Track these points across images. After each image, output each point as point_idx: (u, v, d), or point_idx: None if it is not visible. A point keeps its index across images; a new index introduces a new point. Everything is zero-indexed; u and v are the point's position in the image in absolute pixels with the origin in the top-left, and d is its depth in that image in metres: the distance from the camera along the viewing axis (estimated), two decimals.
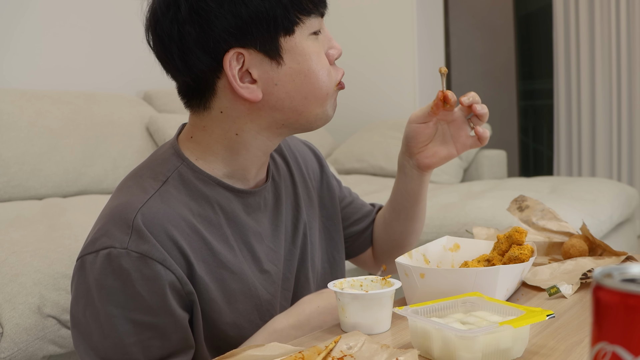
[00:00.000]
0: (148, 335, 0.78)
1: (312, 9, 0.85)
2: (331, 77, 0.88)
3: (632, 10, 3.80)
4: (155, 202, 0.81)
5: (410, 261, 0.96)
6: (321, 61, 0.87)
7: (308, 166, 1.09)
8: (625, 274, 0.46)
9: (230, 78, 0.82)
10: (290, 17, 0.83)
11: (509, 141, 5.06)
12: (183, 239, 0.81)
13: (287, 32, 0.83)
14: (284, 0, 0.82)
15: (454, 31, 4.62)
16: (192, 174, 0.87)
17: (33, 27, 2.61)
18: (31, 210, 1.95)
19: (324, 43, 0.89)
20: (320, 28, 0.88)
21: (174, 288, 0.79)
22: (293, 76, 0.85)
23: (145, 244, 0.77)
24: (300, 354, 0.69)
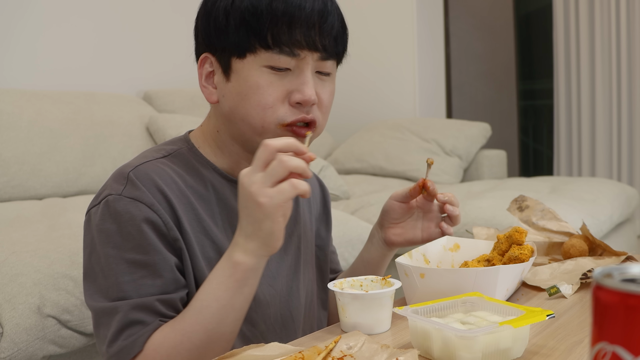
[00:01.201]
0: (141, 274, 0.83)
1: (273, 45, 0.85)
2: (268, 114, 0.87)
3: (632, 10, 3.80)
4: (151, 164, 0.90)
5: (410, 261, 0.96)
6: (262, 95, 0.86)
7: (314, 194, 1.12)
8: (625, 274, 0.46)
9: (198, 76, 0.92)
10: (242, 43, 0.85)
11: (509, 141, 5.06)
12: (173, 195, 0.87)
13: (239, 56, 0.86)
14: (242, 22, 0.85)
15: (454, 31, 4.62)
16: (193, 156, 0.94)
17: (33, 27, 2.61)
18: (31, 210, 1.95)
19: (291, 83, 0.87)
20: (289, 68, 0.86)
21: (159, 230, 0.85)
22: (234, 95, 0.88)
23: (136, 191, 0.85)
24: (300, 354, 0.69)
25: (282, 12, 0.84)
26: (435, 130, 3.40)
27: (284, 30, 0.84)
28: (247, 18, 0.85)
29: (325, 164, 2.64)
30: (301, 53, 0.86)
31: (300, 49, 0.86)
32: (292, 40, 0.85)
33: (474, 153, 3.40)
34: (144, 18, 3.03)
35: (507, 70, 5.30)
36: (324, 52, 0.88)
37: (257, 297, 0.93)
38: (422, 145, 3.32)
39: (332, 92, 0.93)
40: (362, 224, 2.21)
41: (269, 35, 0.84)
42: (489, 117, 4.42)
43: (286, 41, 0.85)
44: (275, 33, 0.84)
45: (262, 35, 0.84)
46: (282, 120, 0.87)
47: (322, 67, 0.90)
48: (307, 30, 0.85)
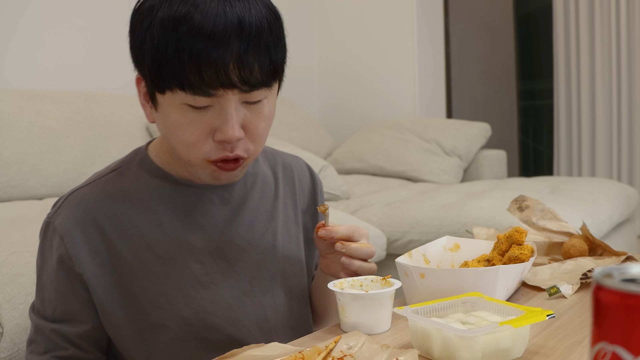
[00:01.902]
0: (47, 297, 0.91)
1: (185, 86, 0.79)
2: (192, 150, 0.84)
3: (632, 10, 3.80)
4: (92, 187, 0.92)
5: (410, 261, 0.96)
6: (183, 133, 0.83)
7: (302, 185, 1.09)
8: (625, 274, 0.46)
9: (138, 92, 0.89)
10: (159, 79, 0.81)
11: (509, 141, 5.06)
12: (107, 219, 0.90)
13: (158, 90, 0.82)
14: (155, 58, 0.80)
15: (454, 31, 4.62)
16: (144, 166, 0.94)
17: (33, 27, 2.61)
18: (31, 210, 1.95)
19: (213, 119, 0.82)
20: (207, 105, 0.81)
21: (63, 263, 0.89)
22: (160, 125, 0.87)
23: (59, 218, 0.90)
24: (300, 354, 0.69)
25: (188, 54, 0.77)
26: (435, 130, 3.40)
27: (192, 73, 0.78)
28: (157, 59, 0.79)
29: (325, 164, 2.64)
30: (217, 92, 0.80)
31: (214, 89, 0.79)
32: (204, 83, 0.79)
33: (474, 153, 3.40)
34: None
35: (507, 70, 5.30)
36: (246, 86, 0.81)
37: (217, 301, 0.93)
38: (422, 145, 3.32)
39: (267, 116, 0.87)
40: (362, 224, 2.21)
41: (182, 76, 0.79)
42: (489, 117, 4.42)
43: (197, 84, 0.78)
44: (185, 77, 0.78)
45: (175, 75, 0.79)
46: (207, 157, 0.85)
47: (249, 97, 0.83)
48: (219, 69, 0.78)
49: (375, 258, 2.24)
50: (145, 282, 0.90)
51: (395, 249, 2.30)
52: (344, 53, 4.00)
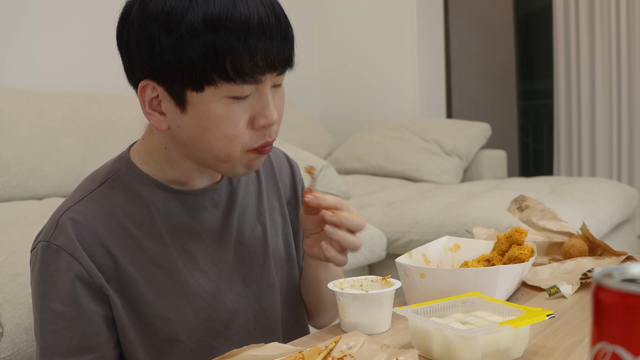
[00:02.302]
0: (62, 326, 0.84)
1: (236, 77, 0.80)
2: (234, 143, 0.84)
3: (632, 10, 3.80)
4: (85, 203, 0.88)
5: (410, 261, 0.96)
6: (227, 126, 0.83)
7: (282, 175, 1.07)
8: (625, 274, 0.46)
9: (140, 103, 0.86)
10: (200, 77, 0.80)
11: (509, 141, 5.06)
12: (109, 234, 0.86)
13: (195, 89, 0.81)
14: (200, 57, 0.78)
15: (454, 31, 4.62)
16: (133, 175, 0.91)
17: (33, 27, 2.61)
18: (31, 210, 1.95)
19: (253, 107, 0.84)
20: (250, 94, 0.83)
21: (82, 280, 0.84)
22: (194, 128, 0.84)
23: (62, 237, 0.84)
24: (300, 354, 0.69)
25: (242, 45, 0.79)
26: (435, 130, 3.40)
27: (246, 61, 0.79)
28: (206, 53, 0.78)
29: (325, 164, 2.64)
30: (262, 77, 0.82)
31: (262, 74, 0.82)
32: (255, 68, 0.80)
33: (474, 153, 3.40)
34: None
35: (507, 70, 5.30)
36: (282, 69, 0.84)
37: (220, 307, 0.92)
38: (422, 145, 3.32)
39: (284, 98, 0.90)
40: None
41: (230, 67, 0.79)
42: (489, 117, 4.42)
43: (249, 71, 0.80)
44: (238, 65, 0.79)
45: (223, 68, 0.79)
46: (247, 147, 0.85)
47: (277, 80, 0.86)
48: (266, 55, 0.81)
49: (375, 258, 2.24)
50: (153, 297, 0.88)
51: (395, 249, 2.30)
52: (344, 53, 4.00)
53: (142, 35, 0.81)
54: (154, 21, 0.80)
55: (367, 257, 2.19)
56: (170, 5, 0.79)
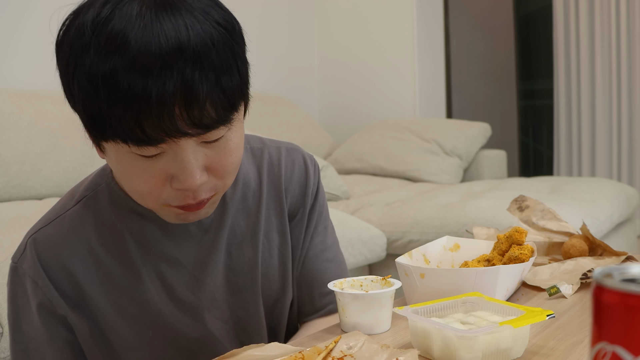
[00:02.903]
0: (33, 346, 0.83)
1: (128, 141, 0.66)
2: (148, 199, 0.74)
3: (632, 10, 3.80)
4: (56, 225, 0.84)
5: (410, 261, 0.96)
6: (137, 182, 0.71)
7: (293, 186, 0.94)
8: (625, 274, 0.46)
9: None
10: (92, 129, 0.69)
11: (509, 141, 5.06)
12: (76, 261, 0.82)
13: (99, 139, 0.69)
14: (91, 121, 0.67)
15: (454, 31, 4.62)
16: (110, 194, 0.84)
17: (33, 27, 2.61)
18: (31, 210, 1.95)
19: (168, 166, 0.70)
20: (158, 153, 0.68)
21: (45, 307, 0.82)
22: (113, 168, 0.76)
23: (27, 262, 0.82)
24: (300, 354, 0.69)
25: (123, 106, 0.64)
26: (435, 130, 3.40)
27: (132, 127, 0.65)
28: (90, 112, 0.67)
29: (325, 164, 2.65)
30: (167, 140, 0.66)
31: (160, 142, 0.66)
32: (147, 136, 0.65)
33: (474, 153, 3.40)
34: None
35: (507, 70, 5.30)
36: (199, 129, 0.67)
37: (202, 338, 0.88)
38: (422, 145, 3.32)
39: (234, 149, 0.74)
40: (362, 224, 2.21)
41: (120, 134, 0.66)
42: (489, 117, 4.42)
43: (141, 137, 0.65)
44: (126, 132, 0.65)
45: (113, 131, 0.66)
46: (165, 203, 0.74)
47: (207, 137, 0.70)
48: (162, 118, 0.64)
49: (375, 258, 2.24)
50: (121, 325, 0.84)
51: (395, 249, 2.30)
52: (343, 53, 4.00)
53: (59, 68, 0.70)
54: (60, 60, 0.69)
55: (367, 257, 2.19)
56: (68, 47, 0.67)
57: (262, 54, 3.45)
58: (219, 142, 0.71)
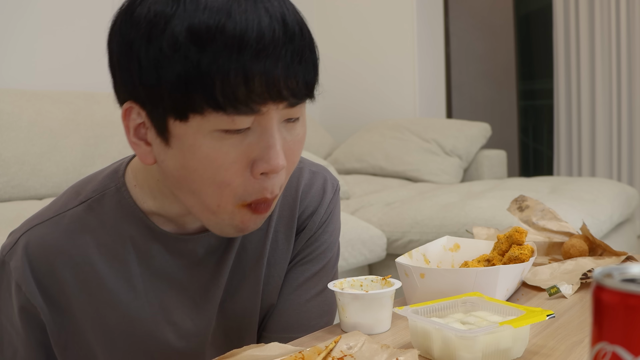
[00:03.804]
0: (7, 340, 0.80)
1: (226, 105, 0.63)
2: (225, 193, 0.68)
3: (632, 10, 3.80)
4: (52, 225, 0.78)
5: (410, 261, 0.96)
6: (217, 170, 0.67)
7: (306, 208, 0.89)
8: (625, 274, 0.46)
9: (125, 129, 0.71)
10: (183, 102, 0.64)
11: (509, 141, 5.06)
12: (68, 268, 0.77)
13: (178, 117, 0.65)
14: (181, 77, 0.63)
15: (454, 31, 4.62)
16: (119, 200, 0.78)
17: (32, 27, 2.61)
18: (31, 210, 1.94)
19: (252, 147, 0.67)
20: (247, 127, 0.66)
21: (26, 311, 0.77)
22: (177, 166, 0.68)
23: (15, 261, 0.77)
24: (300, 354, 0.69)
25: (233, 64, 0.62)
26: (435, 130, 3.40)
27: (238, 85, 0.62)
28: (189, 72, 0.62)
29: (325, 164, 2.65)
30: (263, 108, 0.65)
31: (261, 104, 0.65)
32: (251, 95, 0.63)
33: (474, 153, 3.40)
34: None
35: (507, 70, 5.30)
36: (293, 99, 0.67)
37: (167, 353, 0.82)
38: (422, 145, 3.32)
39: (302, 139, 0.73)
40: (362, 224, 2.21)
41: (219, 90, 0.62)
42: (489, 117, 4.42)
43: (243, 97, 0.63)
44: (228, 90, 0.62)
45: (210, 93, 0.63)
46: (242, 200, 0.70)
47: (290, 114, 0.69)
48: (267, 79, 0.63)
49: (375, 258, 2.24)
50: (106, 341, 0.79)
51: (395, 249, 2.30)
52: (343, 53, 4.00)
53: (124, 47, 0.67)
54: (136, 30, 0.65)
55: (367, 257, 2.19)
56: (154, 11, 0.64)
57: None
58: (295, 125, 0.71)
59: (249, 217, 0.72)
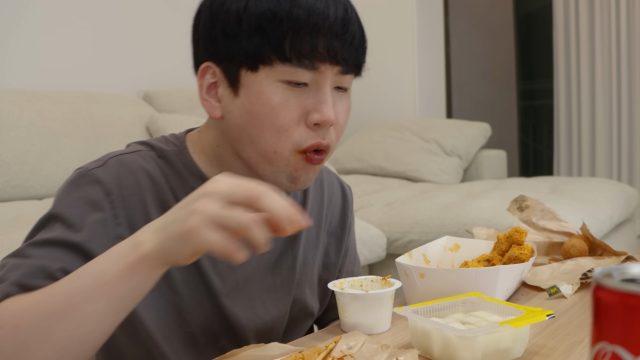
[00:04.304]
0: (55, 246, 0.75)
1: (292, 58, 0.76)
2: (282, 137, 0.78)
3: (632, 10, 3.80)
4: (136, 156, 0.83)
5: (410, 261, 0.96)
6: (277, 115, 0.77)
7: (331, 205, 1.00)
8: (625, 274, 0.46)
9: (198, 88, 0.82)
10: (256, 54, 0.76)
11: (509, 141, 5.06)
12: (149, 193, 0.80)
13: (250, 68, 0.77)
14: (258, 30, 0.76)
15: (454, 31, 4.62)
16: (182, 160, 0.85)
17: (33, 27, 2.61)
18: (31, 210, 1.95)
19: (308, 100, 0.78)
20: (306, 83, 0.78)
21: (104, 224, 0.77)
22: (242, 113, 0.79)
23: (105, 174, 0.79)
24: (300, 354, 0.69)
25: (304, 19, 0.75)
26: (435, 130, 3.40)
27: (305, 39, 0.75)
28: (264, 24, 0.75)
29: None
30: (321, 66, 0.77)
31: (321, 62, 0.77)
32: (314, 52, 0.76)
33: (474, 153, 3.40)
34: (144, 18, 3.03)
35: (507, 70, 5.30)
36: (345, 65, 0.79)
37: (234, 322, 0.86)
38: (422, 145, 3.32)
39: (348, 110, 0.84)
40: (362, 224, 2.21)
41: (288, 45, 0.75)
42: (489, 117, 4.42)
43: (307, 52, 0.76)
44: (296, 43, 0.75)
45: (280, 45, 0.75)
46: (297, 146, 0.79)
47: (340, 81, 0.81)
48: (329, 40, 0.76)
49: (375, 258, 2.24)
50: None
51: (395, 249, 2.30)
52: None
53: (211, 14, 0.79)
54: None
55: (367, 257, 2.19)
56: None
57: None
58: (343, 96, 0.83)
59: (303, 166, 0.80)
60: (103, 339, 0.66)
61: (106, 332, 0.65)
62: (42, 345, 0.63)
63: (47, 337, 0.63)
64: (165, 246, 0.62)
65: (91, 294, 0.63)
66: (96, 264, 0.65)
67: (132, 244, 0.64)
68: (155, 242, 0.63)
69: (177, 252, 0.62)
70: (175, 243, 0.62)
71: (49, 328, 0.63)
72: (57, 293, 0.64)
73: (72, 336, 0.63)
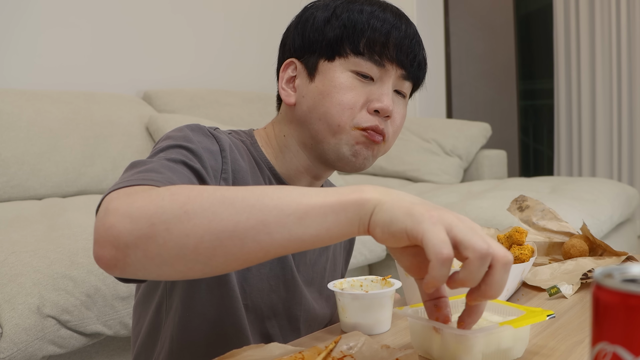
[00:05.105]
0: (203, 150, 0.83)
1: (365, 52, 0.90)
2: (346, 113, 0.90)
3: (632, 10, 3.80)
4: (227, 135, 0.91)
5: None
6: (345, 94, 0.90)
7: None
8: (625, 274, 0.46)
9: (279, 79, 0.95)
10: (335, 47, 0.91)
11: (509, 141, 5.06)
12: (245, 163, 0.89)
13: (328, 58, 0.91)
14: (341, 29, 0.90)
15: (454, 31, 4.62)
16: (254, 151, 0.95)
17: (33, 27, 2.61)
18: (31, 210, 1.95)
19: (372, 92, 0.91)
20: (373, 78, 0.90)
21: (215, 172, 0.83)
22: (315, 94, 0.91)
23: (222, 135, 0.88)
24: (300, 354, 0.69)
25: (379, 28, 0.90)
26: (435, 130, 3.40)
27: (379, 40, 0.90)
28: (347, 26, 0.90)
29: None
30: (387, 64, 0.90)
31: (388, 61, 0.90)
32: (383, 51, 0.90)
33: (474, 153, 3.39)
34: (144, 18, 3.03)
35: (507, 70, 5.30)
36: (407, 71, 0.92)
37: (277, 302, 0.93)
38: (422, 145, 3.32)
39: (404, 115, 0.96)
40: None
41: (363, 42, 0.89)
42: (489, 117, 4.42)
43: (378, 50, 0.90)
44: (370, 42, 0.89)
45: (356, 42, 0.89)
46: (358, 124, 0.90)
47: (400, 86, 0.93)
48: (397, 47, 0.90)
49: (375, 258, 2.24)
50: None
51: None
52: None
53: (301, 21, 0.94)
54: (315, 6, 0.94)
55: (367, 257, 2.19)
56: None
57: (262, 54, 3.45)
58: (401, 101, 0.95)
59: (363, 141, 0.91)
60: (250, 260, 0.62)
61: (257, 257, 0.62)
62: (203, 222, 0.60)
63: (214, 220, 0.60)
64: (384, 205, 0.60)
65: (284, 212, 0.60)
66: (295, 190, 0.63)
67: (352, 188, 0.62)
68: (378, 196, 0.60)
69: (390, 219, 0.58)
70: (396, 210, 0.59)
71: (221, 214, 0.60)
72: (246, 195, 0.61)
73: (237, 235, 0.60)
